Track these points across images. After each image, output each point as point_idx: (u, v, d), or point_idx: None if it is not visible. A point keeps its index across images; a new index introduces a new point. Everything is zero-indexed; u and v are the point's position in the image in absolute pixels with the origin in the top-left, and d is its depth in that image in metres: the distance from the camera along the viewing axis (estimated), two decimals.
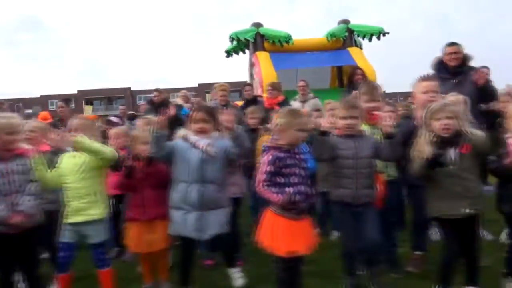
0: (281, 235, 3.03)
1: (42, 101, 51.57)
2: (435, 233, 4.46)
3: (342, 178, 3.42)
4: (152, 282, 3.70)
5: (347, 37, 12.00)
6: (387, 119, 3.36)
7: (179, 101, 7.76)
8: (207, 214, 3.36)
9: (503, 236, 4.31)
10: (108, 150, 3.43)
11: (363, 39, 12.17)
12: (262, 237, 3.11)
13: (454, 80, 5.07)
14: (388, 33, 11.97)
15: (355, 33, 12.07)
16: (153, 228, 3.53)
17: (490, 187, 4.16)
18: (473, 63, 5.24)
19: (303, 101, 7.25)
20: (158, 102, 6.99)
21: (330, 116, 3.81)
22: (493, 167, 3.32)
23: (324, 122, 3.43)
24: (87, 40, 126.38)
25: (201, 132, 3.44)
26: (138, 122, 4.36)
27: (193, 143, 3.39)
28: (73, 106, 48.08)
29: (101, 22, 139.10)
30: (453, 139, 3.12)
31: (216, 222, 3.39)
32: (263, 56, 11.77)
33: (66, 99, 7.85)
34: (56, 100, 45.38)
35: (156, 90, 7.08)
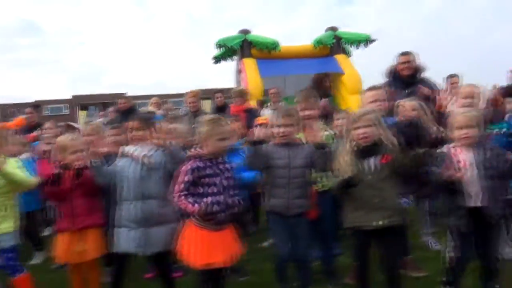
0: (198, 246, 3.01)
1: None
2: None
3: (275, 188, 3.42)
4: None
5: (334, 44, 12.05)
6: (318, 130, 3.39)
7: (151, 108, 7.81)
8: (151, 231, 3.33)
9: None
10: (28, 182, 3.52)
11: (351, 46, 12.21)
12: (181, 248, 3.08)
13: (406, 91, 5.11)
14: (375, 40, 12.02)
15: (342, 40, 12.13)
16: (84, 238, 3.51)
17: (407, 200, 4.16)
18: (425, 74, 5.31)
19: (275, 109, 7.28)
20: (125, 109, 7.03)
21: (265, 125, 3.83)
22: (432, 179, 3.28)
23: (258, 131, 3.44)
24: (84, 45, 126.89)
25: (136, 139, 3.48)
26: (83, 128, 4.37)
27: (130, 154, 3.42)
28: (67, 111, 48.30)
29: (98, 27, 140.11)
30: (373, 147, 3.13)
31: (159, 239, 3.34)
32: (249, 63, 11.80)
33: (35, 105, 7.91)
34: (51, 106, 45.76)
35: (123, 97, 7.13)
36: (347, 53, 12.27)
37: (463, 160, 3.20)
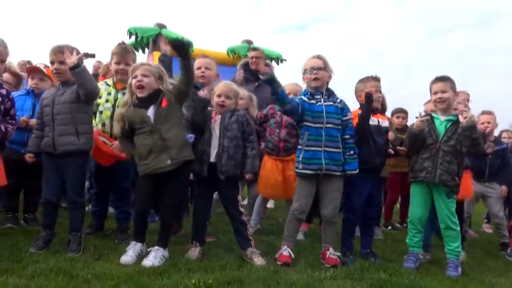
0: None
1: None
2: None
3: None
4: None
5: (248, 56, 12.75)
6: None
7: None
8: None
9: None
10: None
11: None
12: None
13: (256, 83, 5.70)
14: (285, 60, 12.88)
15: None
16: None
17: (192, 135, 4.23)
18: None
19: None
20: None
21: None
22: None
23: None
24: None
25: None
26: None
27: None
28: None
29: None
30: (152, 97, 3.62)
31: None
32: (158, 57, 12.17)
33: None
34: None
35: None
36: None
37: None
